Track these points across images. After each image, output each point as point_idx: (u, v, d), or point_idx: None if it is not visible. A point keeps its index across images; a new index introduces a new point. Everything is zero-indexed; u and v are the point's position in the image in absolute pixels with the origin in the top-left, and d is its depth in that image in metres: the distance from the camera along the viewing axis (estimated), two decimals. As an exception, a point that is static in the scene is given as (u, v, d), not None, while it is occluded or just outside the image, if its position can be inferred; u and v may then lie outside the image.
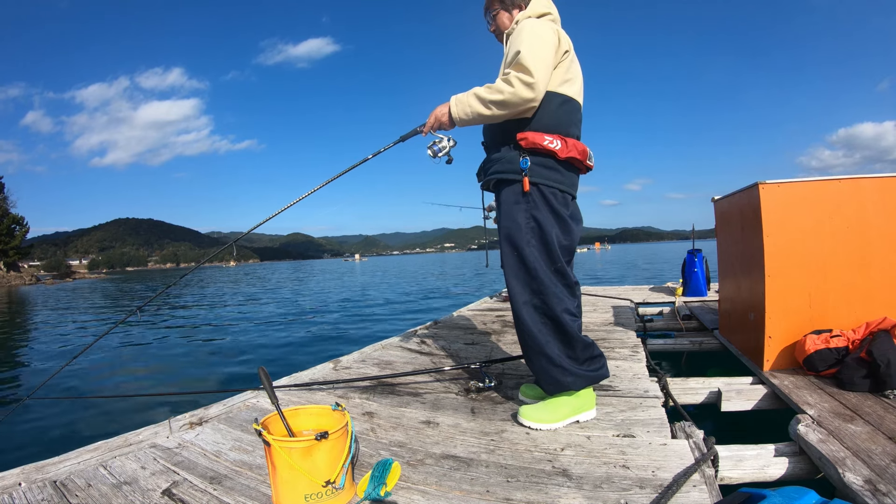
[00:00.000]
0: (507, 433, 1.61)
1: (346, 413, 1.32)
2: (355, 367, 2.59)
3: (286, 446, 1.16)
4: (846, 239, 2.14)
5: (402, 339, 3.29)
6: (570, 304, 1.67)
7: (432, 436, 1.63)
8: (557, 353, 1.64)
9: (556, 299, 1.62)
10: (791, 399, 1.83)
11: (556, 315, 1.62)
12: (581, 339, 1.67)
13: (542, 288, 1.63)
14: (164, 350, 6.72)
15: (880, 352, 1.79)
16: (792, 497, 0.90)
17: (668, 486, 1.19)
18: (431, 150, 1.78)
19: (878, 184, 2.13)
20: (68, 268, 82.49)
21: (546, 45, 1.59)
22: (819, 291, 2.15)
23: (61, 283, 44.33)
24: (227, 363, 5.63)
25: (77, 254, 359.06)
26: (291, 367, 2.73)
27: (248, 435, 1.67)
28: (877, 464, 1.29)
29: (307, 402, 2.04)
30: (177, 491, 1.29)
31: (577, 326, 1.69)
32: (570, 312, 1.66)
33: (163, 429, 1.74)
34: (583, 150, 1.69)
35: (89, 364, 5.73)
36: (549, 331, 1.65)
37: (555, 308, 1.62)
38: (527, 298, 1.65)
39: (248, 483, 1.33)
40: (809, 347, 2.02)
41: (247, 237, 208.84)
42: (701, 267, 4.88)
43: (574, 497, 1.19)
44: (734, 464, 1.48)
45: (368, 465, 1.38)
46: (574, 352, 1.66)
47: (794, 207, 2.18)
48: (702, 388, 2.18)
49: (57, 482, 1.35)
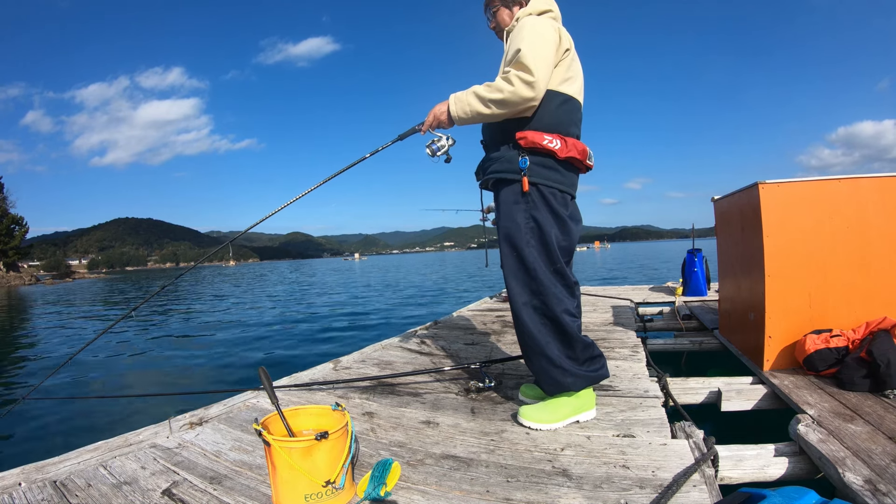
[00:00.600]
0: (507, 433, 1.61)
1: (346, 413, 1.32)
2: (355, 367, 2.59)
3: (286, 446, 1.16)
4: (846, 239, 2.14)
5: (402, 339, 3.29)
6: (570, 304, 1.67)
7: (432, 436, 1.63)
8: (557, 353, 1.63)
9: (555, 300, 1.62)
10: (791, 399, 1.83)
11: (556, 315, 1.62)
12: (581, 339, 1.67)
13: (541, 288, 1.62)
14: (164, 350, 6.72)
15: (880, 351, 1.79)
16: (792, 497, 0.90)
17: (668, 486, 1.19)
18: (430, 148, 1.77)
19: (878, 183, 2.13)
20: (68, 267, 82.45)
21: (547, 44, 1.57)
22: (819, 291, 2.15)
23: (60, 282, 44.32)
24: (226, 363, 5.63)
25: (77, 253, 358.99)
26: (291, 368, 2.73)
27: (248, 435, 1.67)
28: (877, 464, 1.29)
29: (307, 402, 2.04)
30: (177, 491, 1.29)
31: (577, 327, 1.69)
32: (570, 313, 1.66)
33: (163, 429, 1.74)
34: (583, 150, 1.68)
35: (89, 365, 5.73)
36: (549, 331, 1.64)
37: (554, 309, 1.62)
38: (526, 299, 1.65)
39: (248, 483, 1.33)
40: (809, 347, 2.02)
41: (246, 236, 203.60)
42: (701, 267, 4.88)
43: (574, 497, 1.19)
44: (734, 464, 1.48)
45: (368, 465, 1.38)
46: (574, 352, 1.65)
47: (794, 207, 2.18)
48: (702, 388, 2.18)
49: (57, 482, 1.35)
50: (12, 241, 48.80)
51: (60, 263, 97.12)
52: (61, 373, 5.23)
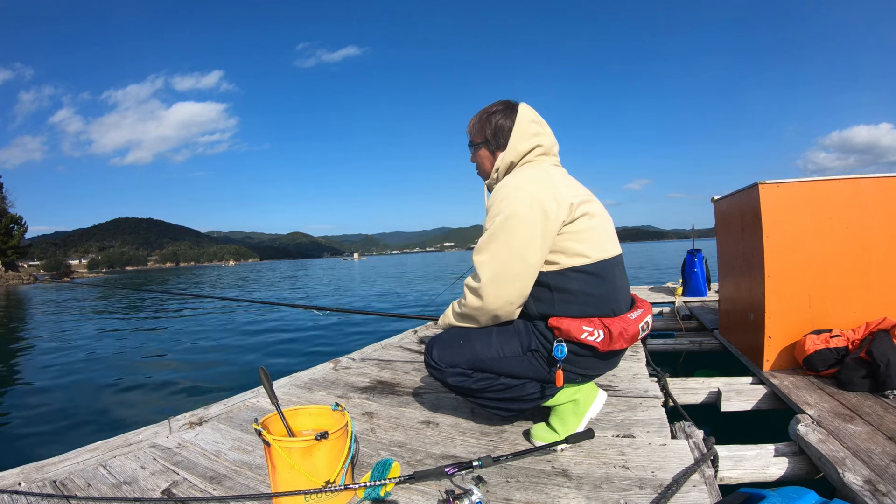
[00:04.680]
0: (506, 433, 1.61)
1: (345, 413, 1.32)
2: (355, 367, 2.59)
3: (286, 446, 1.16)
4: (846, 239, 2.14)
5: (402, 339, 3.29)
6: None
7: (432, 436, 1.63)
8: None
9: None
10: (791, 399, 1.83)
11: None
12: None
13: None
14: (163, 350, 6.71)
15: (880, 352, 1.79)
16: (792, 497, 0.90)
17: (667, 486, 1.19)
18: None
19: (878, 184, 2.13)
20: (67, 267, 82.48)
21: (518, 233, 1.30)
22: (819, 291, 2.15)
23: (59, 282, 44.27)
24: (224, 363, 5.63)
25: (77, 253, 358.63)
26: (291, 368, 2.73)
27: (248, 435, 1.67)
28: (877, 464, 1.29)
29: (307, 402, 2.04)
30: (176, 491, 1.29)
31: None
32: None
33: (162, 429, 1.74)
34: (633, 335, 1.37)
35: (89, 365, 5.73)
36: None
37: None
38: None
39: (248, 483, 1.33)
40: (809, 347, 2.02)
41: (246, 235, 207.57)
42: (701, 267, 4.88)
43: (574, 497, 1.19)
44: (734, 464, 1.48)
45: (368, 465, 1.38)
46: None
47: (794, 207, 2.18)
48: (702, 388, 2.19)
49: (57, 482, 1.35)
50: (11, 241, 48.77)
51: (60, 263, 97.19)
52: (60, 372, 5.24)
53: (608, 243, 1.42)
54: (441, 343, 1.49)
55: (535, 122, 1.50)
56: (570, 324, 1.34)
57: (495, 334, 1.43)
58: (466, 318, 1.45)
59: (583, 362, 1.41)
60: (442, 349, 1.48)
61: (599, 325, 1.34)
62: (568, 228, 1.35)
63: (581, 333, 1.33)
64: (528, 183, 1.36)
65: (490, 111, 1.53)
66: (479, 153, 1.57)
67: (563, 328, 1.34)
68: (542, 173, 1.40)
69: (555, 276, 1.36)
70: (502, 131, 1.49)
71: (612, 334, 1.34)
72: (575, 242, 1.35)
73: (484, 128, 1.53)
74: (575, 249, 1.35)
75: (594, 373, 1.47)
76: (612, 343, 1.34)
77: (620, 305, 1.42)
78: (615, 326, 1.34)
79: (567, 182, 1.44)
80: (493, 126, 1.51)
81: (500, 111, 1.51)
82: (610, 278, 1.40)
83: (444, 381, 1.49)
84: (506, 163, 1.48)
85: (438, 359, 1.47)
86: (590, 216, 1.39)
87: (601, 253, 1.39)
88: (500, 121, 1.50)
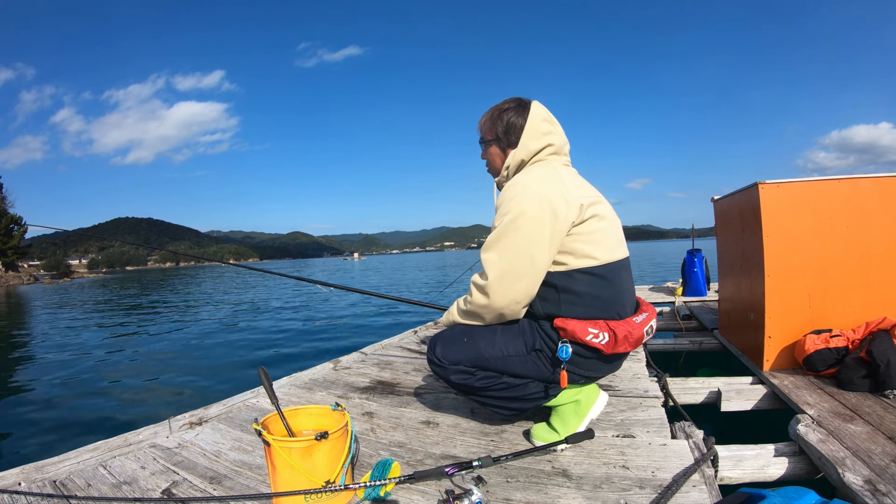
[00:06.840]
0: (506, 433, 1.61)
1: (345, 413, 1.32)
2: (355, 367, 2.59)
3: (286, 446, 1.16)
4: (846, 239, 2.14)
5: (402, 339, 3.29)
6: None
7: (432, 436, 1.63)
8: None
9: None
10: (791, 399, 1.83)
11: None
12: None
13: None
14: (163, 350, 6.71)
15: (880, 352, 1.79)
16: (792, 497, 0.90)
17: (667, 486, 1.19)
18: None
19: (878, 183, 2.13)
20: (67, 267, 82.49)
21: (526, 232, 1.29)
22: (819, 291, 2.15)
23: (59, 282, 44.29)
24: (224, 363, 5.63)
25: (77, 253, 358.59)
26: (291, 368, 2.73)
27: (248, 435, 1.67)
28: (877, 464, 1.29)
29: (307, 402, 2.04)
30: (176, 491, 1.29)
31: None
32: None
33: (162, 429, 1.74)
34: (637, 339, 1.38)
35: (89, 365, 5.73)
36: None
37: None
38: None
39: (248, 483, 1.33)
40: (809, 347, 2.02)
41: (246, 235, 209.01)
42: (701, 267, 4.88)
43: (574, 497, 1.19)
44: (734, 464, 1.48)
45: (368, 465, 1.38)
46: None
47: (794, 207, 2.18)
48: (702, 388, 2.18)
49: (57, 482, 1.35)
50: (11, 241, 48.77)
51: (60, 263, 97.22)
52: (60, 372, 5.23)
53: (616, 245, 1.42)
54: (444, 340, 1.49)
55: (546, 121, 1.49)
56: (575, 325, 1.34)
57: (500, 333, 1.43)
58: (472, 315, 1.44)
59: (586, 364, 1.41)
60: (445, 346, 1.47)
61: (605, 328, 1.34)
62: (577, 229, 1.34)
63: (586, 335, 1.33)
64: (538, 182, 1.35)
65: (502, 108, 1.51)
66: (489, 150, 1.56)
67: (568, 329, 1.34)
68: (552, 173, 1.39)
69: (562, 277, 1.36)
70: (514, 129, 1.48)
71: (616, 337, 1.34)
72: (584, 244, 1.35)
73: (495, 125, 1.51)
74: (583, 251, 1.34)
75: (597, 374, 1.47)
76: (617, 346, 1.34)
77: (626, 308, 1.42)
78: (620, 329, 1.34)
79: (577, 182, 1.43)
80: (505, 123, 1.49)
81: (512, 108, 1.50)
82: (616, 281, 1.39)
83: (446, 378, 1.49)
84: (516, 161, 1.48)
85: (441, 355, 1.47)
86: (599, 217, 1.38)
87: (609, 255, 1.38)
88: (511, 118, 1.49)
